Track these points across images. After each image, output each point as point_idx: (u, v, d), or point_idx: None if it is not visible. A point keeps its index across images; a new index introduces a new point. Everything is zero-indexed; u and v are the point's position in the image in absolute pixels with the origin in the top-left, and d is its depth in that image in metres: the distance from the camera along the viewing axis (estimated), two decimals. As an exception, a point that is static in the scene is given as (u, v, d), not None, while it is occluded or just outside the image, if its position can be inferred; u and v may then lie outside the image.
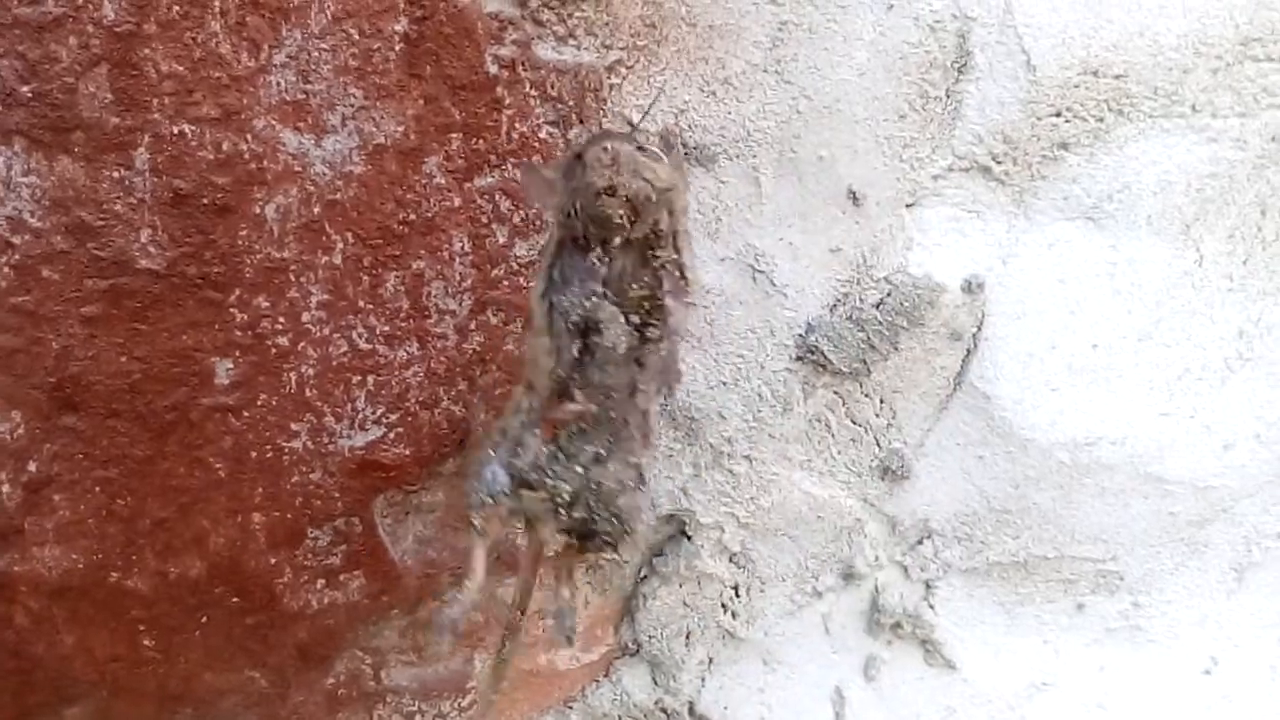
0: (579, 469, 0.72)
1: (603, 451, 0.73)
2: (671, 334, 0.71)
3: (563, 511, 0.73)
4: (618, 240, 0.68)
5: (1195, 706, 1.19)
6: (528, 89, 0.84)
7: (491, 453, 0.73)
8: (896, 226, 0.93)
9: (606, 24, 0.83)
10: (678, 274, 0.71)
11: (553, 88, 0.84)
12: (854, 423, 1.00)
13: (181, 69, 0.76)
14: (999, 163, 0.91)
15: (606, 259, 0.69)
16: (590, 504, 0.73)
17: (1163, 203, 0.93)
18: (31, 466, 0.83)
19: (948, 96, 0.89)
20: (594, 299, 0.69)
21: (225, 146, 0.79)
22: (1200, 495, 1.06)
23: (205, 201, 0.80)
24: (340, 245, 0.84)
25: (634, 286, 0.69)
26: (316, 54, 0.79)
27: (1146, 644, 1.15)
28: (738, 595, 1.08)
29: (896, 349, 0.96)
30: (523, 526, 0.77)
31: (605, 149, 0.66)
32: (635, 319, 0.70)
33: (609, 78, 0.85)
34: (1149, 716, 1.18)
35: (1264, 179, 0.93)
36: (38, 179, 0.76)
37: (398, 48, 0.80)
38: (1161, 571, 1.11)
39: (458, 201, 0.85)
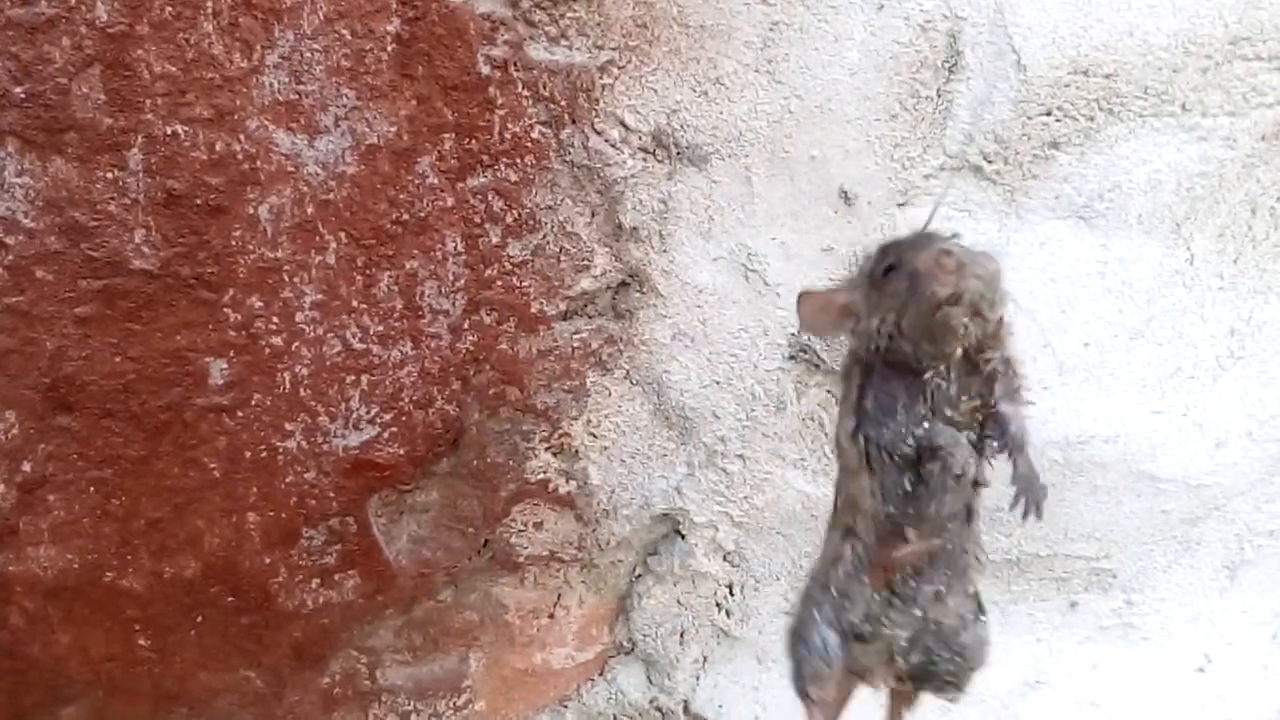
0: (917, 612, 0.66)
1: (942, 588, 0.66)
2: (1020, 445, 0.64)
3: (899, 659, 0.68)
4: (958, 352, 0.61)
5: (1189, 704, 1.19)
6: (520, 89, 0.84)
7: (816, 614, 0.67)
8: (888, 226, 0.93)
9: (598, 24, 0.84)
10: (1011, 373, 0.65)
11: (545, 88, 0.85)
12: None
13: (174, 70, 0.77)
14: (990, 162, 0.91)
15: (940, 376, 0.62)
16: (929, 645, 0.67)
17: (1153, 201, 0.93)
18: (26, 467, 0.84)
19: (939, 96, 0.89)
20: (925, 424, 0.62)
21: (218, 147, 0.79)
22: (1192, 493, 1.06)
23: (199, 202, 0.80)
24: (333, 245, 0.84)
25: (964, 399, 0.63)
26: (309, 55, 0.79)
27: (1140, 642, 1.15)
28: (732, 594, 1.08)
29: (889, 348, 0.96)
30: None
31: (946, 253, 0.59)
32: (971, 435, 0.63)
33: (601, 78, 0.85)
34: (1143, 714, 1.19)
35: (1254, 178, 0.94)
36: (31, 180, 0.76)
37: (390, 48, 0.81)
38: (1154, 569, 1.11)
39: (451, 201, 0.86)
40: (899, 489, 0.63)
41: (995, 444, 0.63)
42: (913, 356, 0.60)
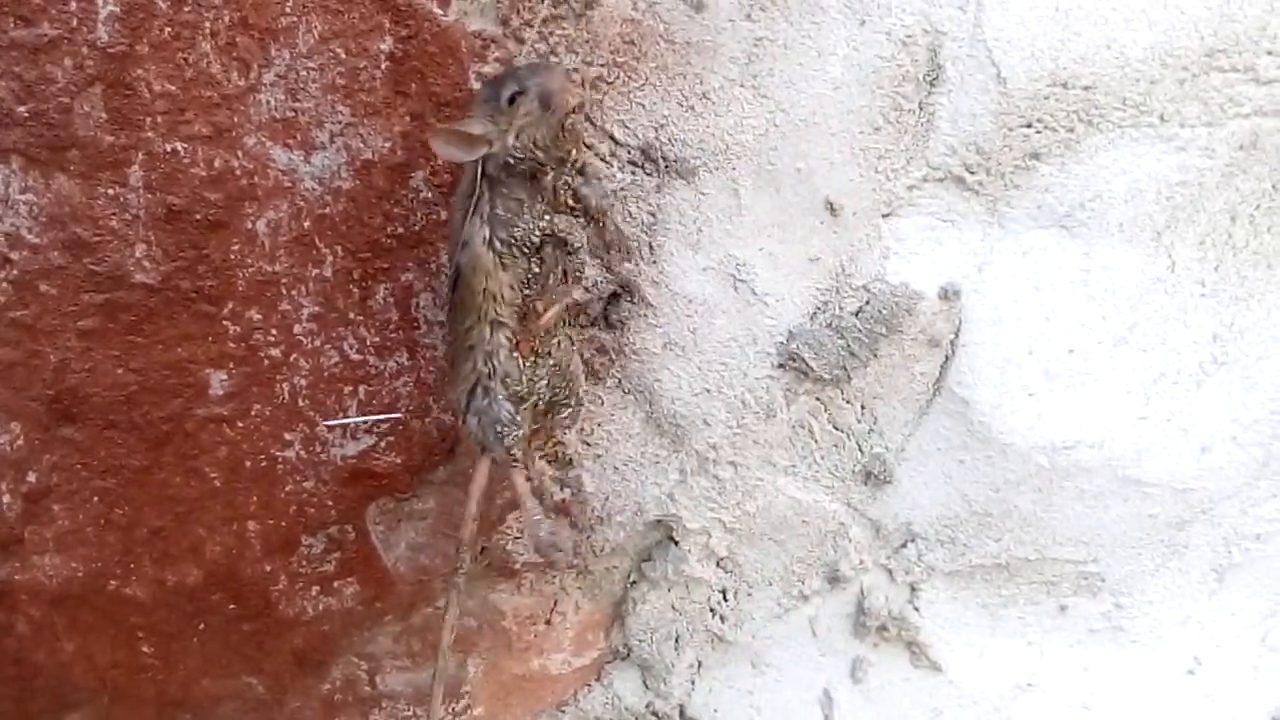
0: (551, 362, 0.85)
1: (561, 337, 0.85)
2: (605, 211, 0.84)
3: (540, 403, 0.86)
4: (573, 152, 0.78)
5: (1179, 706, 1.20)
6: (511, 105, 0.86)
7: (496, 397, 0.82)
8: (873, 236, 0.94)
9: (587, 41, 0.85)
10: (586, 164, 0.82)
11: (535, 104, 0.86)
12: (836, 428, 1.02)
13: (174, 88, 0.78)
14: (972, 173, 0.92)
15: (558, 176, 0.79)
16: (554, 383, 0.86)
17: (1134, 210, 0.94)
18: (31, 477, 0.85)
19: (921, 109, 0.91)
20: (546, 217, 0.79)
21: (217, 163, 0.81)
22: (1179, 497, 1.07)
23: (198, 217, 0.82)
24: (330, 258, 0.86)
25: (563, 189, 0.80)
26: (305, 73, 0.81)
27: (1129, 645, 1.16)
28: (725, 599, 1.09)
29: (876, 356, 0.98)
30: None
31: (571, 75, 0.76)
32: (573, 214, 0.81)
33: (590, 93, 0.87)
34: (1133, 716, 1.19)
35: (1233, 187, 0.95)
36: (35, 196, 0.78)
37: (384, 66, 0.82)
38: (1142, 573, 1.12)
39: (444, 215, 0.87)
40: (528, 275, 0.80)
41: (582, 217, 0.82)
42: (540, 163, 0.77)
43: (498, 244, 0.78)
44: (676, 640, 1.10)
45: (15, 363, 0.82)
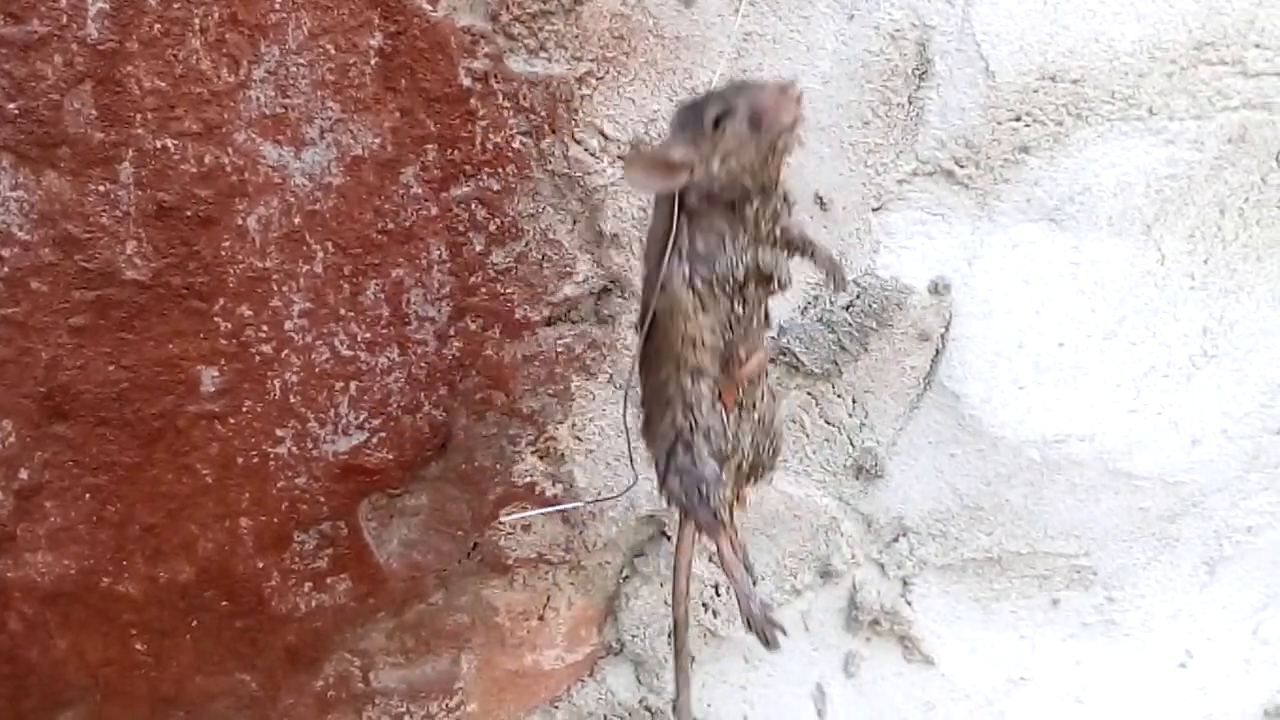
0: (756, 416, 0.75)
1: (763, 388, 0.75)
2: (811, 243, 0.72)
3: (744, 463, 0.76)
4: (781, 175, 0.68)
5: (1171, 699, 1.21)
6: (501, 100, 0.86)
7: (700, 454, 0.73)
8: (863, 230, 0.95)
9: (576, 37, 0.85)
10: (788, 194, 0.71)
11: (525, 99, 0.86)
12: (827, 423, 1.02)
13: (164, 85, 0.79)
14: (962, 166, 0.93)
15: (759, 204, 0.68)
16: (758, 441, 0.76)
17: (1123, 204, 0.95)
18: (23, 474, 0.85)
19: (910, 103, 0.91)
20: (750, 250, 0.69)
21: (207, 160, 0.81)
22: (1170, 490, 1.08)
23: (188, 213, 0.82)
24: (321, 254, 0.86)
25: (764, 221, 0.69)
26: (294, 69, 0.81)
27: (1121, 638, 1.17)
28: (718, 594, 1.09)
29: (867, 350, 0.98)
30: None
31: (789, 86, 0.66)
32: (776, 247, 0.70)
33: (580, 89, 0.87)
34: (1126, 709, 1.20)
35: (1222, 180, 0.96)
36: (25, 193, 0.78)
37: (373, 62, 0.82)
38: (1134, 566, 1.13)
39: (435, 211, 0.87)
40: (731, 316, 0.70)
41: (793, 253, 0.71)
42: (739, 194, 0.67)
43: (698, 283, 0.68)
44: (669, 635, 1.10)
45: (6, 360, 0.82)
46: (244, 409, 0.89)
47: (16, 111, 0.76)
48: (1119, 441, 1.04)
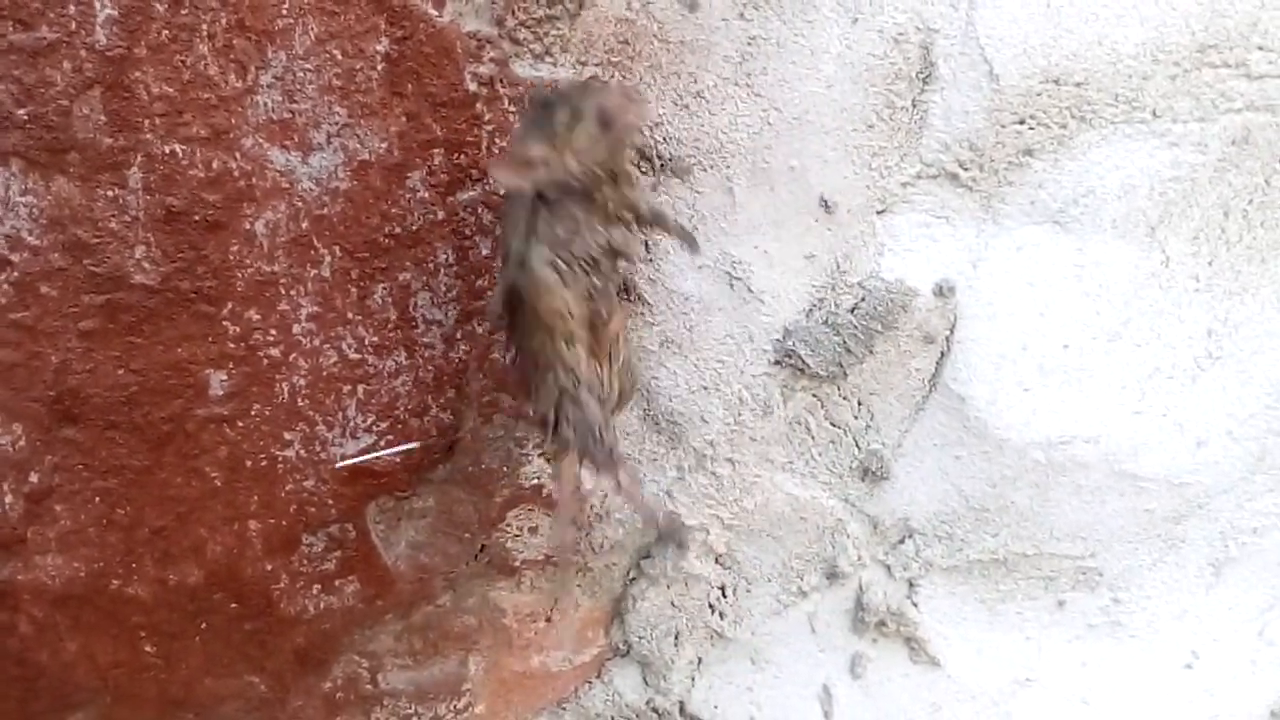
0: (619, 362, 0.84)
1: (621, 337, 0.84)
2: (660, 215, 0.81)
3: (612, 402, 0.85)
4: (627, 166, 0.77)
5: (1177, 701, 1.21)
6: (506, 105, 0.86)
7: (591, 404, 0.81)
8: (868, 233, 0.95)
9: (581, 41, 0.86)
10: (632, 171, 0.79)
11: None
12: (833, 425, 1.02)
13: (172, 90, 0.79)
14: (966, 169, 0.93)
15: (610, 191, 0.76)
16: (623, 381, 0.85)
17: (1127, 206, 0.95)
18: (33, 478, 0.86)
19: (914, 106, 0.92)
20: (605, 230, 0.77)
21: (215, 165, 0.82)
22: (1175, 492, 1.08)
23: (197, 218, 0.82)
24: (328, 259, 0.87)
25: (615, 204, 0.77)
26: (301, 74, 0.81)
27: (1127, 639, 1.17)
28: (725, 596, 1.10)
29: (872, 352, 0.98)
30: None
31: (633, 89, 0.76)
32: (626, 225, 0.79)
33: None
34: (1132, 711, 1.20)
35: (1226, 182, 0.96)
36: (35, 198, 0.79)
37: (380, 67, 0.83)
38: (1140, 568, 1.13)
39: (441, 214, 0.88)
40: (591, 289, 0.79)
41: (634, 224, 0.80)
42: (595, 180, 0.75)
43: (559, 263, 0.77)
44: (676, 637, 1.10)
45: (16, 364, 0.82)
46: (252, 412, 0.89)
47: (26, 117, 0.77)
48: (1124, 443, 1.04)
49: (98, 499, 0.88)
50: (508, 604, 1.05)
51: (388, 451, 0.93)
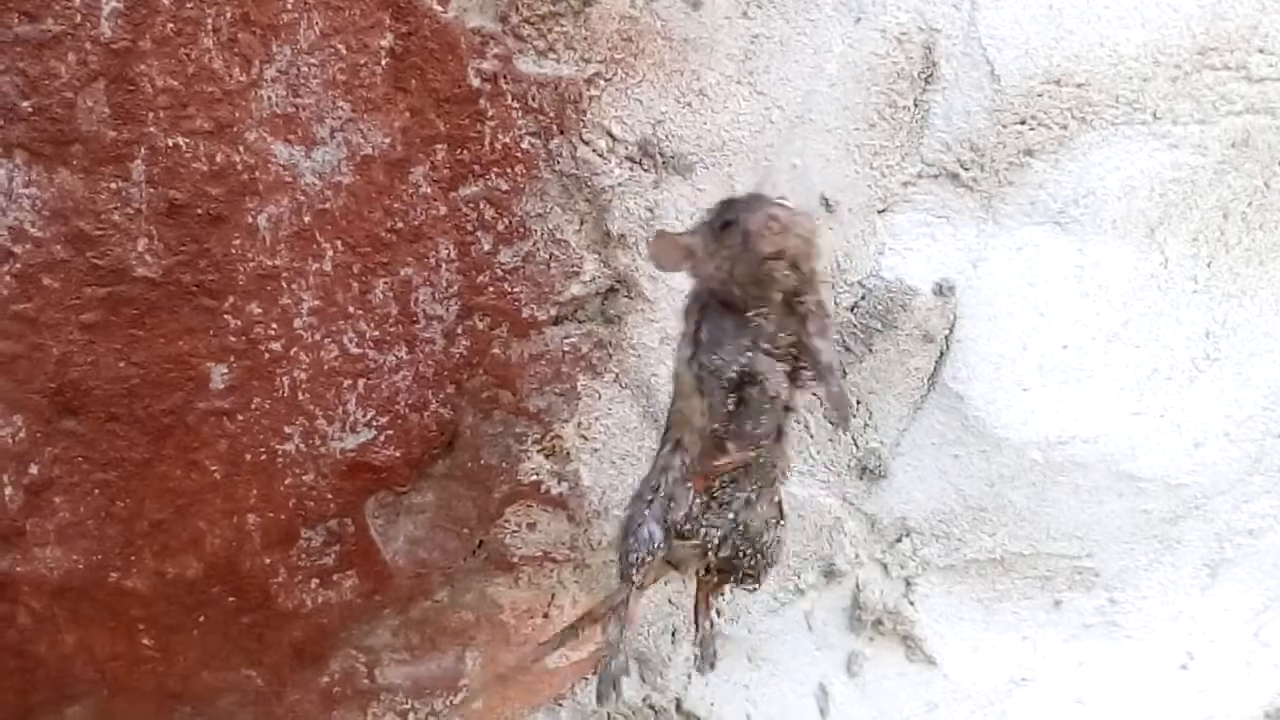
0: (730, 515, 0.75)
1: (753, 495, 0.75)
2: (829, 371, 0.72)
3: (711, 554, 0.77)
4: (778, 297, 0.69)
5: (1172, 701, 1.21)
6: (510, 101, 0.87)
7: (646, 511, 0.75)
8: (869, 232, 0.95)
9: (585, 38, 0.86)
10: (822, 315, 0.72)
11: (534, 100, 0.87)
12: (832, 423, 1.02)
13: (176, 84, 0.79)
14: (967, 169, 0.93)
15: (762, 316, 0.69)
16: (736, 543, 0.76)
17: (1127, 207, 0.95)
18: (33, 469, 0.86)
19: (915, 106, 0.92)
20: (748, 354, 0.70)
21: (219, 158, 0.82)
22: (1172, 493, 1.08)
23: (200, 211, 0.82)
24: (330, 253, 0.87)
25: (782, 335, 0.70)
26: (306, 69, 0.82)
27: (1123, 639, 1.17)
28: (722, 593, 1.10)
29: (871, 351, 0.98)
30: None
31: (773, 217, 0.67)
32: (786, 365, 0.71)
33: (588, 90, 0.88)
34: (1127, 710, 1.20)
35: (1225, 184, 0.96)
36: (38, 190, 0.79)
37: (384, 62, 0.83)
38: (1136, 568, 1.13)
39: (443, 210, 0.88)
40: (723, 408, 0.71)
41: (808, 373, 0.72)
42: (741, 299, 0.69)
43: (697, 366, 0.72)
44: (673, 634, 1.11)
45: (18, 355, 0.82)
46: (253, 406, 0.89)
47: (30, 109, 0.77)
48: (1122, 443, 1.04)
49: (97, 491, 0.88)
50: (505, 600, 1.05)
51: None
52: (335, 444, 0.92)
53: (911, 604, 1.12)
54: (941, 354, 1.00)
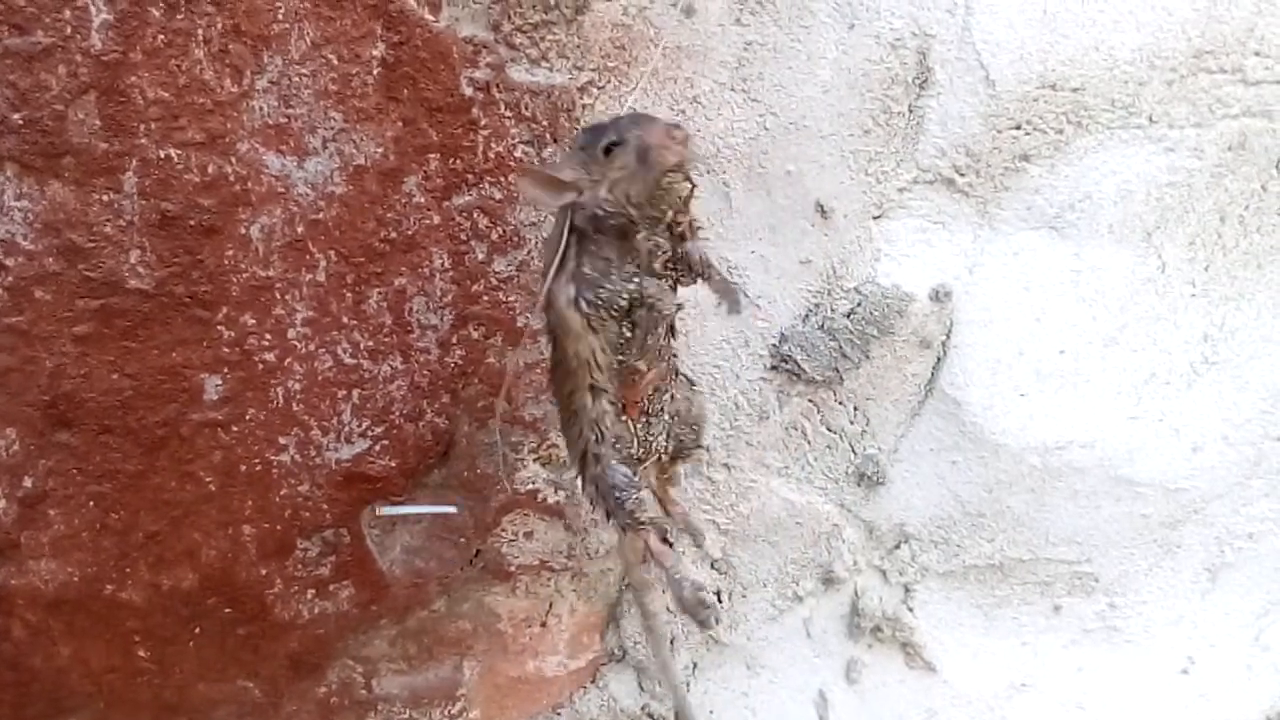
0: (666, 417, 0.79)
1: (672, 391, 0.79)
2: (708, 267, 0.75)
3: (663, 456, 0.81)
4: (669, 213, 0.71)
5: (1173, 705, 1.21)
6: (503, 110, 0.86)
7: (612, 462, 0.76)
8: (864, 238, 0.95)
9: (578, 46, 0.86)
10: (693, 225, 0.74)
11: (527, 108, 0.87)
12: (829, 430, 1.02)
13: (167, 95, 0.79)
14: (962, 175, 0.93)
15: (651, 236, 0.71)
16: (678, 433, 0.81)
17: (1124, 211, 0.95)
18: (27, 482, 0.85)
19: (910, 111, 0.92)
20: (635, 280, 0.72)
21: (210, 169, 0.81)
22: (1171, 497, 1.08)
23: (192, 223, 0.82)
24: (324, 263, 0.86)
25: (659, 253, 0.72)
26: (297, 79, 0.81)
27: (1123, 644, 1.17)
28: (720, 601, 1.09)
29: (868, 357, 0.98)
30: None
31: (670, 130, 0.69)
32: (669, 281, 0.74)
33: (581, 98, 0.88)
34: (1127, 715, 1.20)
35: (1222, 187, 0.96)
36: (29, 203, 0.78)
37: (375, 72, 0.83)
38: (1136, 573, 1.13)
39: (437, 219, 0.88)
40: (620, 338, 0.73)
41: (685, 279, 0.75)
42: (635, 220, 0.70)
43: (583, 304, 0.72)
44: (672, 642, 1.10)
45: (11, 368, 0.82)
46: (247, 417, 0.89)
47: (21, 122, 0.77)
48: (1120, 448, 1.04)
49: (91, 503, 0.88)
50: (503, 609, 1.04)
51: (427, 509, 0.93)
52: (330, 454, 0.92)
53: (910, 610, 1.12)
54: (938, 360, 1.00)
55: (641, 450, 0.79)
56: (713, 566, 1.07)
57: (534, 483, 0.99)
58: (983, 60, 0.89)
